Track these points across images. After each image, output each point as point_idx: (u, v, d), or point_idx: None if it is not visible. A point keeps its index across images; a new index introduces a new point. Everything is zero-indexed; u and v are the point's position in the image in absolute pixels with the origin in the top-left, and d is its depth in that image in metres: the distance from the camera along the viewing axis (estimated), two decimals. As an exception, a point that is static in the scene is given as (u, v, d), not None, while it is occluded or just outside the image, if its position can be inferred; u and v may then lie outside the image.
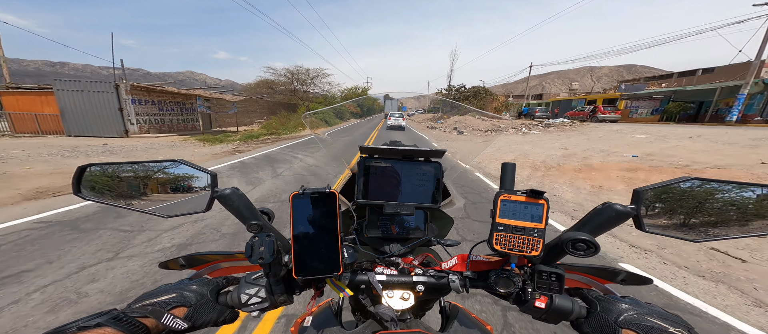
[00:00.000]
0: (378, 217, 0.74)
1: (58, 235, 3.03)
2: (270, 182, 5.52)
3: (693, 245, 3.05)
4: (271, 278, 0.52)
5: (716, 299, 2.34)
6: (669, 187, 0.45)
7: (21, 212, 3.65)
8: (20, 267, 2.41)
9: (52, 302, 2.00)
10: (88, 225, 3.30)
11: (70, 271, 2.39)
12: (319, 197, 0.51)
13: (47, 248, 2.77)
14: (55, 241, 2.91)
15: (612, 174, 6.34)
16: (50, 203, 4.00)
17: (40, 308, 1.95)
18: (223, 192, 0.50)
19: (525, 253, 0.50)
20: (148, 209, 0.52)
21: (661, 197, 0.45)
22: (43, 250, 2.72)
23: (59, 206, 3.88)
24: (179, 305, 0.46)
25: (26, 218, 3.44)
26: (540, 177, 6.51)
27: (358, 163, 0.69)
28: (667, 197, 0.45)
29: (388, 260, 0.65)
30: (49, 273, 2.35)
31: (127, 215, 3.49)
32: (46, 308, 1.95)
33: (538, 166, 7.61)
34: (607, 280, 0.58)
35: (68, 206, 3.85)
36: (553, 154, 9.12)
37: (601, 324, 0.45)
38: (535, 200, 0.50)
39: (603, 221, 0.46)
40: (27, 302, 1.99)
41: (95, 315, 0.38)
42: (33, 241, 2.88)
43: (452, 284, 0.57)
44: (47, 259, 2.56)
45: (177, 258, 0.62)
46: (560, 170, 6.96)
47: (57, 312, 1.91)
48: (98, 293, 2.11)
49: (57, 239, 2.95)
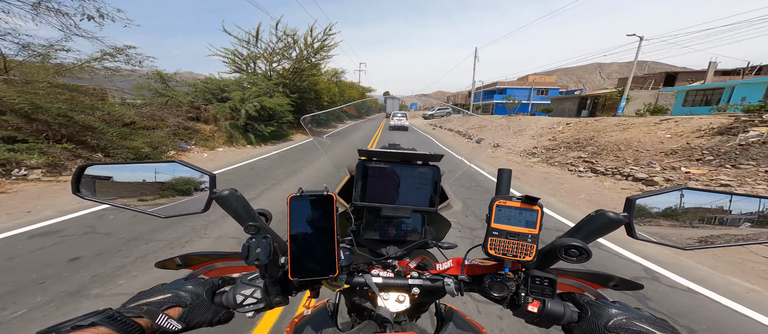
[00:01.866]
0: (375, 219, 0.74)
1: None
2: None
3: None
4: (267, 279, 0.52)
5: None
6: (661, 195, 0.45)
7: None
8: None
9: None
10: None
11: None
12: (317, 200, 0.51)
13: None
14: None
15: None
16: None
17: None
18: (222, 193, 0.51)
19: (519, 258, 0.50)
20: (146, 209, 0.52)
21: (652, 204, 0.46)
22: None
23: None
24: (174, 305, 0.46)
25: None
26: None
27: (357, 165, 0.69)
28: (659, 205, 0.46)
29: (384, 262, 0.65)
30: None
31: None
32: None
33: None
34: (599, 285, 0.59)
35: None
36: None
37: (592, 328, 0.45)
38: (530, 206, 0.51)
39: (596, 227, 0.47)
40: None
41: (90, 314, 0.38)
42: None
43: (447, 288, 0.58)
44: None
45: (173, 258, 0.63)
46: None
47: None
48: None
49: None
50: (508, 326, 1.91)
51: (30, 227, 3.12)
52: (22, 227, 3.10)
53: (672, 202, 0.46)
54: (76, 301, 2.00)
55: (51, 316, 1.86)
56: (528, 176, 7.31)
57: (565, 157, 9.04)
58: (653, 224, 0.47)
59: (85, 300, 2.02)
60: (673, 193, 0.45)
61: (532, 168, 8.35)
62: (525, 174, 7.46)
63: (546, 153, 10.09)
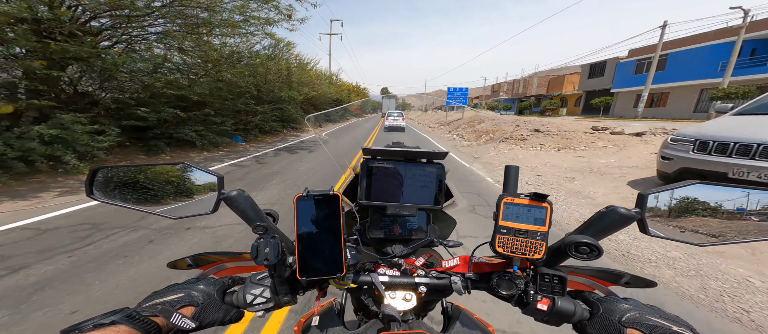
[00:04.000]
0: (381, 218, 0.74)
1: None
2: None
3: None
4: (275, 279, 0.52)
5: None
6: (674, 190, 0.44)
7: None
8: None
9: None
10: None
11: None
12: (323, 199, 0.51)
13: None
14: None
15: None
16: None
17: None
18: (230, 194, 0.51)
19: (528, 256, 0.50)
20: (157, 210, 0.53)
21: (665, 200, 0.45)
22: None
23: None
24: (187, 304, 0.47)
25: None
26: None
27: (361, 164, 0.69)
28: (672, 200, 0.45)
29: (390, 260, 0.65)
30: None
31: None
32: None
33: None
34: (610, 282, 0.58)
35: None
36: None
37: (606, 325, 0.44)
38: (539, 203, 0.50)
39: (607, 224, 0.46)
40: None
41: (110, 313, 0.39)
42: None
43: (454, 286, 0.57)
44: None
45: (184, 258, 0.64)
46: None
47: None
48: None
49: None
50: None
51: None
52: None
53: (685, 196, 0.45)
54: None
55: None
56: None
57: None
58: (666, 219, 0.46)
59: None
60: (686, 188, 0.44)
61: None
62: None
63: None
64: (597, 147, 8.94)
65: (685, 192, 0.44)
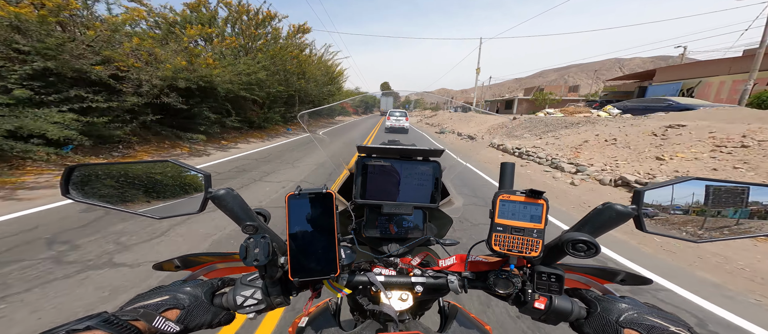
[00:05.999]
0: (376, 217, 0.73)
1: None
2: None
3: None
4: (266, 280, 0.51)
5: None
6: (671, 187, 0.44)
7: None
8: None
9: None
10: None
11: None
12: (316, 198, 0.50)
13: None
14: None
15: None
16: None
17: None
18: (217, 193, 0.49)
19: (524, 254, 0.49)
20: (139, 210, 0.50)
21: (662, 197, 0.45)
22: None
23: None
24: (172, 307, 0.45)
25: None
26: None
27: (356, 162, 0.68)
28: (668, 197, 0.45)
29: (386, 260, 0.64)
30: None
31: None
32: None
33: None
34: (606, 280, 0.58)
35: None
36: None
37: (603, 324, 0.44)
38: (535, 200, 0.49)
39: (603, 221, 0.46)
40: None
41: (85, 318, 0.37)
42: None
43: (451, 285, 0.57)
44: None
45: (172, 259, 0.61)
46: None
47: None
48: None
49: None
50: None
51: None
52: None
53: (682, 193, 0.44)
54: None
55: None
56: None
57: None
58: (663, 216, 0.45)
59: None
60: (683, 184, 0.44)
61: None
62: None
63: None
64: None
65: (682, 188, 0.44)
